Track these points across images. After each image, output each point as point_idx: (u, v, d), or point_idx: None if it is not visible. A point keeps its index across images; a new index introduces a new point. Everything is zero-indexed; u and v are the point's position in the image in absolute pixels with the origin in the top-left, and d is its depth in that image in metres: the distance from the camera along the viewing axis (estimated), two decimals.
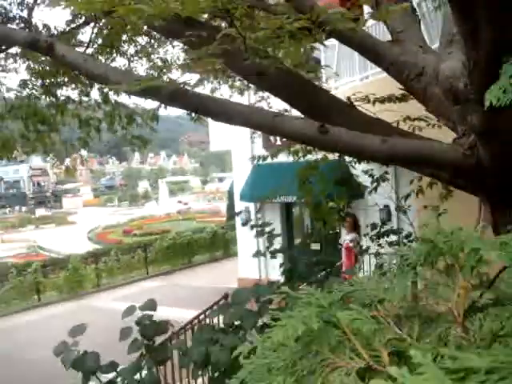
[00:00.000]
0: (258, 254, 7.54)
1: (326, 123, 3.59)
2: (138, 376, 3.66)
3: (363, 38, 4.38)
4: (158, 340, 4.28)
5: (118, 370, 3.69)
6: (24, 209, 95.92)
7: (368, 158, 5.27)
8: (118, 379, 3.55)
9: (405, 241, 8.23)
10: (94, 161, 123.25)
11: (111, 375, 3.72)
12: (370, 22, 7.35)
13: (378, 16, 3.70)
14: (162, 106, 7.31)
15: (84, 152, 12.51)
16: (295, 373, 0.94)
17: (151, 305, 3.97)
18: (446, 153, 3.43)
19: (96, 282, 22.90)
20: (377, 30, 10.14)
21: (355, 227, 11.76)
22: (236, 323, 3.75)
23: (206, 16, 4.36)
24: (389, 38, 4.80)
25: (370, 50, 4.47)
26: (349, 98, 4.83)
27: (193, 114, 4.16)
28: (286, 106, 9.91)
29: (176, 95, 3.60)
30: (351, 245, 12.18)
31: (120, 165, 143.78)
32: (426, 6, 7.83)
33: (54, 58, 4.24)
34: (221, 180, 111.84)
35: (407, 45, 4.40)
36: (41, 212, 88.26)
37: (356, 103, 5.20)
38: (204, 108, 3.68)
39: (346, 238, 13.13)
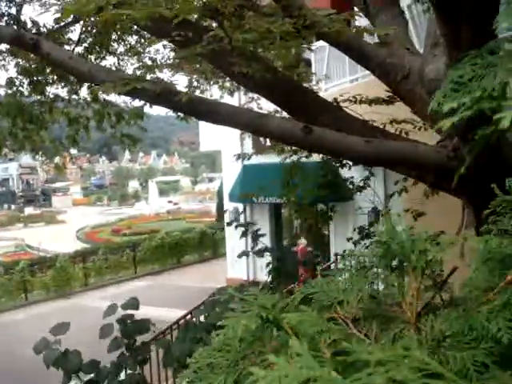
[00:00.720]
0: (243, 254, 7.54)
1: (313, 124, 3.60)
2: (122, 375, 3.66)
3: (350, 39, 4.40)
4: (143, 339, 4.28)
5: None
6: (13, 207, 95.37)
7: (352, 159, 5.29)
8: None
9: None
10: (84, 159, 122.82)
11: (92, 374, 3.70)
12: (357, 23, 7.38)
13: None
14: (148, 104, 7.30)
15: (73, 150, 12.46)
16: (236, 372, 0.94)
17: (133, 303, 3.95)
18: (429, 155, 3.45)
19: (84, 281, 22.83)
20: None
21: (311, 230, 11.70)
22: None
23: (194, 16, 4.35)
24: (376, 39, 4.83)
25: (356, 52, 4.49)
26: (335, 100, 4.85)
27: (180, 114, 4.15)
28: (277, 108, 9.95)
29: (162, 95, 3.59)
30: (309, 249, 12.19)
31: (110, 164, 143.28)
32: (416, 9, 7.87)
33: (40, 55, 4.22)
34: (211, 180, 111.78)
35: (394, 47, 4.43)
36: (30, 210, 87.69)
37: (343, 104, 5.23)
38: (190, 108, 3.68)
39: (302, 240, 13.11)
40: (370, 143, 3.34)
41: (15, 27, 7.61)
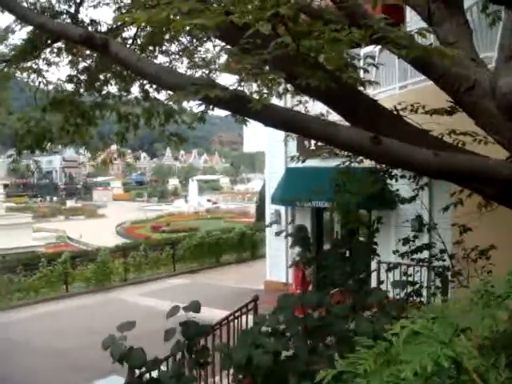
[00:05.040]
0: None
1: (373, 132, 3.56)
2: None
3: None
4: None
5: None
6: (55, 199, 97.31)
7: (420, 172, 5.22)
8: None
9: (438, 256, 8.12)
10: (127, 156, 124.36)
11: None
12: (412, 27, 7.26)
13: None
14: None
15: (116, 147, 12.60)
16: None
17: (195, 306, 3.98)
18: (500, 170, 3.37)
19: (123, 276, 23.07)
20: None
21: (304, 240, 11.58)
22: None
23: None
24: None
25: (420, 60, 4.41)
26: (395, 108, 4.79)
27: (237, 116, 4.16)
28: (322, 111, 9.91)
29: (234, 102, 3.58)
30: (297, 259, 12.06)
31: (151, 161, 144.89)
32: (479, 16, 7.73)
33: (108, 55, 4.28)
34: (248, 180, 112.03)
35: (460, 57, 4.34)
36: (71, 203, 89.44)
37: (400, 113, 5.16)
38: (259, 114, 3.67)
39: (294, 251, 12.94)
40: (438, 156, 3.29)
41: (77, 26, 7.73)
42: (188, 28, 4.25)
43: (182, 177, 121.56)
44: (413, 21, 10.38)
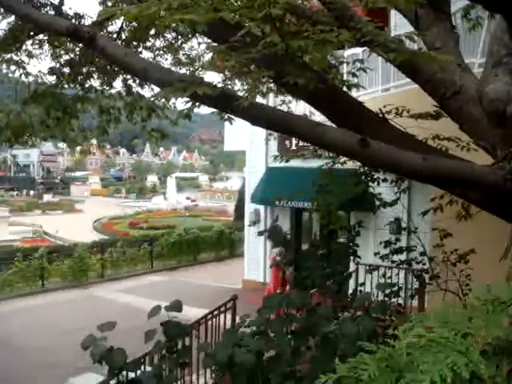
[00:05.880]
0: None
1: (359, 134, 3.57)
2: None
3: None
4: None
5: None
6: (32, 193, 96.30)
7: (407, 175, 5.23)
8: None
9: (418, 259, 8.19)
10: (105, 151, 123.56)
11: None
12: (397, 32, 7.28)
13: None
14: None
15: (95, 141, 12.52)
16: None
17: (177, 306, 3.95)
18: (485, 175, 3.40)
19: (100, 273, 22.92)
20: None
21: (280, 239, 11.67)
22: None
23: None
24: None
25: (406, 64, 4.43)
26: (381, 111, 4.80)
27: (222, 114, 4.13)
28: (306, 111, 9.91)
29: (221, 99, 3.57)
30: (278, 258, 12.13)
31: (130, 157, 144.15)
32: (462, 23, 7.80)
33: (94, 49, 4.23)
34: (227, 179, 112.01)
35: (445, 62, 4.36)
36: (48, 198, 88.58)
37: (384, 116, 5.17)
38: (246, 112, 3.64)
39: (273, 250, 12.99)
40: (426, 160, 3.30)
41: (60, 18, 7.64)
42: (174, 24, 4.21)
43: (160, 174, 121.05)
44: (398, 25, 10.47)
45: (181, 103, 3.97)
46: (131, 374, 4.01)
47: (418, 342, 1.02)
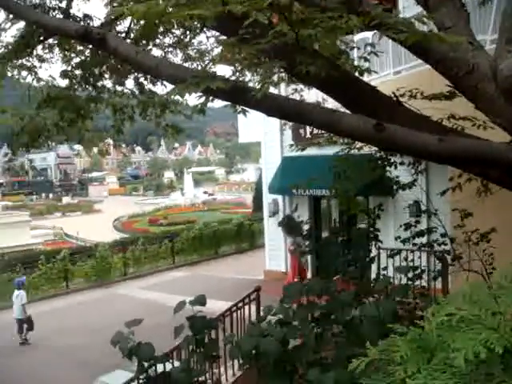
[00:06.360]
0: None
1: (374, 119, 3.55)
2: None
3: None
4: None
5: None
6: (51, 196, 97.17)
7: (423, 157, 5.20)
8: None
9: (439, 241, 8.14)
10: (121, 150, 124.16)
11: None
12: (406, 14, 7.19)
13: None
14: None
15: (111, 141, 12.60)
16: None
17: (201, 300, 3.98)
18: (504, 152, 3.37)
19: (123, 271, 23.12)
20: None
21: (294, 229, 11.65)
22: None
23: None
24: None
25: (418, 45, 4.39)
26: (394, 94, 4.77)
27: (236, 106, 4.14)
28: (318, 98, 9.86)
29: (235, 92, 3.57)
30: (291, 248, 12.11)
31: (145, 154, 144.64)
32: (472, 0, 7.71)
33: (106, 49, 4.26)
34: (243, 171, 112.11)
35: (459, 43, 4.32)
36: (67, 200, 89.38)
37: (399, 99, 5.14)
38: (260, 104, 3.65)
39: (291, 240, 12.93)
40: (442, 141, 3.28)
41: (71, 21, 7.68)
42: (183, 19, 4.22)
43: (177, 169, 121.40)
44: (406, 7, 10.37)
45: (194, 98, 3.98)
46: (159, 370, 4.07)
47: (449, 322, 1.03)
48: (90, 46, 8.22)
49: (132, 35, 8.78)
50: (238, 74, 5.02)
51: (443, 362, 0.97)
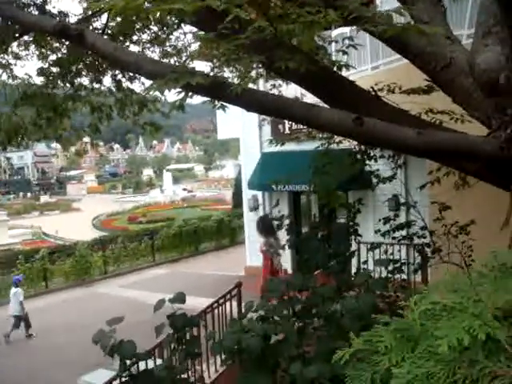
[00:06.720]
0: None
1: (353, 113, 3.57)
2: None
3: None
4: None
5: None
6: (28, 195, 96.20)
7: (403, 151, 5.23)
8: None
9: (419, 234, 8.20)
10: (100, 148, 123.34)
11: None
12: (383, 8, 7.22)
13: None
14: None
15: (88, 139, 12.52)
16: (457, 381, 0.93)
17: (180, 298, 3.98)
18: (482, 145, 3.40)
19: (103, 269, 22.99)
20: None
21: (268, 229, 11.69)
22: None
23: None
24: None
25: (396, 40, 4.42)
26: (373, 89, 4.80)
27: (215, 102, 4.12)
28: (297, 93, 9.87)
29: (214, 88, 3.57)
30: (264, 248, 12.15)
31: (124, 152, 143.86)
32: None
33: (83, 46, 4.21)
34: (222, 167, 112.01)
35: (434, 35, 4.36)
36: (45, 198, 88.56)
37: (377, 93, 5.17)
38: (239, 99, 3.65)
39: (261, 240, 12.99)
40: (421, 134, 3.31)
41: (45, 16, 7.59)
42: (161, 15, 4.20)
43: (156, 167, 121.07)
44: (383, 1, 10.42)
45: (172, 95, 3.97)
46: (141, 368, 4.06)
47: (432, 311, 1.04)
48: (67, 43, 8.15)
49: (109, 32, 8.72)
50: (216, 69, 5.03)
51: (427, 350, 0.99)
